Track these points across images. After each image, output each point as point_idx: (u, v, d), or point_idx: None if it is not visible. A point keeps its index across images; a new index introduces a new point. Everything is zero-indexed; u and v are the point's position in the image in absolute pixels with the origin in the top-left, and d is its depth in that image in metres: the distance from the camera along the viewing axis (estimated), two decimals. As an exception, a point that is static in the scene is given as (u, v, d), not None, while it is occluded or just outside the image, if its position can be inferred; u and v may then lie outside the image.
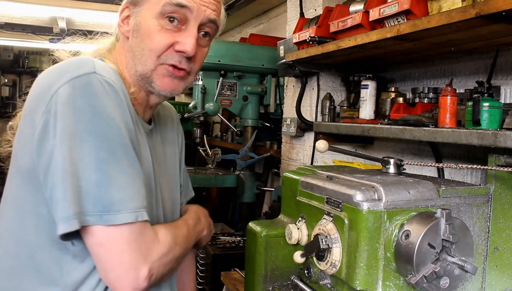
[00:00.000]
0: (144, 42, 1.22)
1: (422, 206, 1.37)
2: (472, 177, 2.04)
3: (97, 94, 1.08)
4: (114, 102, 1.11)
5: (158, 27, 1.21)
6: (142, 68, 1.24)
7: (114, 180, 1.07)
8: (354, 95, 2.65)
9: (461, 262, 1.26)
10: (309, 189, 1.57)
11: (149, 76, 1.24)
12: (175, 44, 1.22)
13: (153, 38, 1.21)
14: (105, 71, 1.13)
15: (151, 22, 1.21)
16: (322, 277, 1.50)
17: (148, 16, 1.22)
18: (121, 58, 1.30)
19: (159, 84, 1.25)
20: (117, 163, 1.08)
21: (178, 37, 1.22)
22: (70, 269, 1.14)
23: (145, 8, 1.23)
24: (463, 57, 2.10)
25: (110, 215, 1.07)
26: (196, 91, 3.63)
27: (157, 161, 1.37)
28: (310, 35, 2.39)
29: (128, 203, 1.09)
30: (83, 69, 1.10)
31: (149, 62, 1.23)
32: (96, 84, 1.09)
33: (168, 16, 1.21)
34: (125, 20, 1.28)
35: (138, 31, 1.24)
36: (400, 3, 1.75)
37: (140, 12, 1.24)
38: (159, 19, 1.21)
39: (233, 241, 3.40)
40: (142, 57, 1.23)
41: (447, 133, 1.60)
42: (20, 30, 6.33)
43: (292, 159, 3.14)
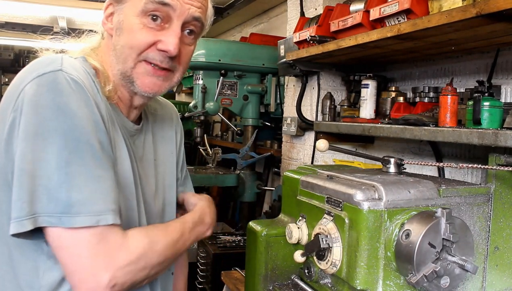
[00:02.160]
0: (125, 39, 1.20)
1: (422, 205, 1.37)
2: (473, 176, 2.04)
3: (62, 92, 1.04)
4: (79, 100, 1.06)
5: (140, 25, 1.19)
6: (122, 66, 1.22)
7: (75, 181, 1.02)
8: (355, 95, 2.65)
9: (462, 261, 1.26)
10: (310, 188, 1.57)
11: (129, 74, 1.22)
12: (157, 43, 1.19)
13: (134, 35, 1.19)
14: (73, 69, 1.10)
15: (133, 20, 1.19)
16: (323, 276, 1.50)
17: (131, 14, 1.19)
18: (106, 56, 1.26)
19: (140, 84, 1.23)
20: (80, 163, 1.03)
21: (160, 35, 1.19)
22: (46, 270, 1.11)
23: (128, 6, 1.21)
24: (464, 57, 2.10)
25: (69, 217, 1.02)
26: (196, 90, 3.63)
27: (143, 161, 1.34)
28: (310, 34, 2.39)
29: (89, 205, 1.03)
30: (49, 67, 1.07)
31: (129, 60, 1.21)
32: (61, 82, 1.05)
33: (151, 14, 1.18)
34: (109, 17, 1.25)
35: (121, 29, 1.21)
36: (401, 3, 1.75)
37: (123, 10, 1.21)
38: (141, 17, 1.19)
39: (233, 240, 3.40)
40: (122, 55, 1.21)
41: (448, 133, 1.60)
42: (20, 29, 6.33)
43: (292, 158, 3.14)
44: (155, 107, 1.49)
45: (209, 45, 3.65)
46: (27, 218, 1.01)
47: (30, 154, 1.02)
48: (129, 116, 1.31)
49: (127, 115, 1.30)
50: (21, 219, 1.01)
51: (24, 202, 1.01)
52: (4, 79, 8.61)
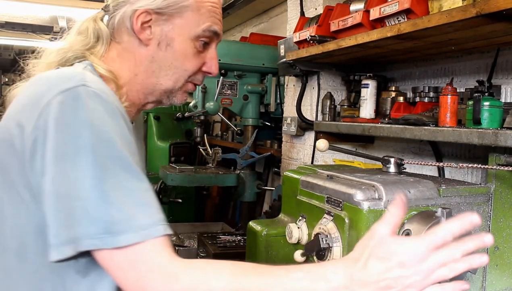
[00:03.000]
0: (178, 60, 1.25)
1: (422, 205, 1.37)
2: (473, 176, 2.04)
3: (86, 108, 1.00)
4: (105, 115, 1.02)
5: (194, 50, 1.25)
6: (170, 84, 1.27)
7: (112, 198, 0.96)
8: (355, 95, 2.65)
9: (462, 261, 1.26)
10: (310, 188, 1.57)
11: (174, 91, 1.29)
12: (202, 65, 1.29)
13: (190, 60, 1.26)
14: (95, 82, 1.07)
15: (188, 44, 1.24)
16: (323, 276, 1.49)
17: (185, 36, 1.23)
18: (123, 63, 1.25)
19: (179, 99, 1.31)
20: (114, 179, 0.98)
21: (204, 58, 1.29)
22: (73, 285, 1.06)
23: (180, 25, 1.23)
24: (464, 56, 2.10)
25: (112, 237, 0.95)
26: (196, 90, 3.63)
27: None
28: (310, 34, 2.39)
29: (132, 221, 0.96)
30: (71, 82, 1.03)
31: (181, 80, 1.27)
32: (85, 97, 1.01)
33: (203, 40, 1.26)
34: (145, 25, 1.22)
35: (170, 47, 1.23)
36: (401, 2, 1.75)
37: (172, 27, 1.22)
38: (195, 41, 1.25)
39: (233, 240, 3.40)
40: (174, 75, 1.26)
41: (448, 133, 1.60)
42: (20, 29, 6.33)
43: (292, 158, 3.14)
44: None
45: (209, 45, 3.65)
46: (68, 244, 0.95)
47: (61, 176, 0.97)
48: (133, 118, 1.34)
49: (132, 118, 1.32)
50: (61, 245, 0.95)
51: (62, 227, 0.96)
52: (4, 79, 8.61)
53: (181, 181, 3.69)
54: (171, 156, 5.01)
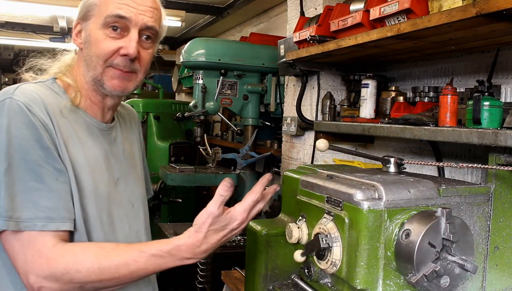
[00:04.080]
0: (92, 50, 1.40)
1: (422, 205, 1.37)
2: (473, 176, 2.04)
3: (6, 117, 1.24)
4: (20, 123, 1.24)
5: (103, 36, 1.38)
6: (93, 73, 1.41)
7: (9, 191, 1.20)
8: (355, 94, 2.65)
9: (462, 261, 1.26)
10: (310, 188, 1.57)
11: (99, 79, 1.41)
12: (119, 49, 1.38)
13: (99, 45, 1.38)
14: (22, 96, 1.28)
15: (98, 33, 1.39)
16: (323, 276, 1.50)
17: (95, 28, 1.39)
18: (78, 68, 1.46)
19: (109, 86, 1.41)
20: (14, 176, 1.21)
21: (121, 42, 1.38)
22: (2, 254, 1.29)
23: (92, 22, 1.40)
24: (464, 56, 2.10)
25: (6, 222, 1.20)
26: (196, 90, 3.63)
27: (116, 156, 1.51)
28: (310, 34, 2.39)
29: (17, 212, 1.21)
30: (4, 95, 1.28)
31: (98, 67, 1.40)
32: (7, 108, 1.25)
33: (112, 26, 1.38)
34: (78, 34, 1.45)
35: (89, 42, 1.41)
36: (401, 2, 1.75)
37: (88, 26, 1.41)
38: (104, 29, 1.38)
39: (233, 240, 3.40)
40: (92, 63, 1.40)
41: (448, 133, 1.60)
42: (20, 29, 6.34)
43: (292, 158, 3.14)
44: (120, 110, 1.66)
45: (209, 45, 3.64)
46: None
47: None
48: (104, 117, 1.50)
49: (102, 116, 1.49)
50: None
51: None
52: (4, 78, 8.62)
53: (181, 181, 3.69)
54: (171, 155, 5.02)
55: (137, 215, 1.56)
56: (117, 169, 1.49)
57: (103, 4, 1.38)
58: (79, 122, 1.41)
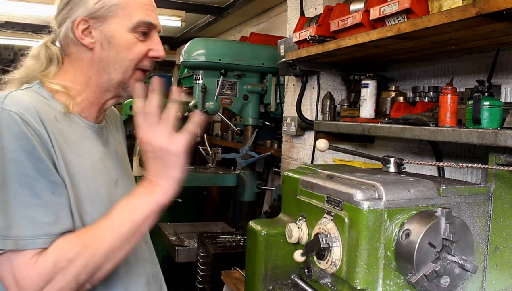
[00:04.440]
0: (122, 53, 1.36)
1: (422, 205, 1.37)
2: (473, 176, 2.04)
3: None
4: (10, 134, 1.16)
5: (134, 40, 1.36)
6: (121, 76, 1.38)
7: (2, 207, 1.14)
8: (355, 94, 2.65)
9: (462, 261, 1.26)
10: (310, 188, 1.57)
11: (126, 82, 1.39)
12: (148, 52, 1.39)
13: (132, 49, 1.36)
14: (14, 104, 1.20)
15: (127, 36, 1.36)
16: (323, 276, 1.50)
17: (122, 30, 1.35)
18: (76, 71, 1.39)
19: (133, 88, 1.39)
20: (8, 192, 1.14)
21: (149, 45, 1.39)
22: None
23: (115, 22, 1.35)
24: (464, 56, 2.10)
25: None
26: (196, 90, 3.63)
27: (113, 157, 1.49)
28: (310, 34, 2.39)
29: (13, 230, 1.14)
30: None
31: (129, 70, 1.38)
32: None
33: (141, 30, 1.37)
34: (86, 32, 1.36)
35: (112, 43, 1.35)
36: (401, 2, 1.75)
37: (109, 26, 1.35)
38: (133, 32, 1.36)
39: (233, 240, 3.40)
40: (121, 67, 1.37)
41: (448, 132, 1.60)
42: (20, 29, 6.33)
43: (292, 158, 3.14)
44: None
45: (209, 44, 3.64)
46: None
47: None
48: (98, 118, 1.46)
49: (96, 118, 1.45)
50: None
51: None
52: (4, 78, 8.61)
53: (181, 181, 3.68)
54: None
55: None
56: (114, 170, 1.46)
57: (126, 6, 1.35)
58: (73, 127, 1.35)
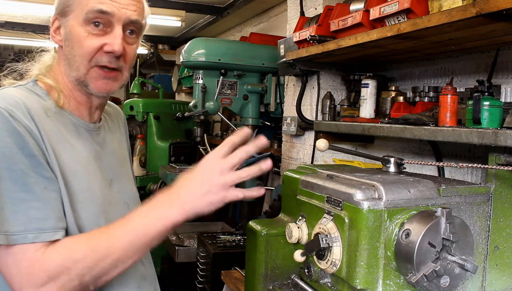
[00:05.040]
0: (75, 49, 1.33)
1: (422, 205, 1.37)
2: (473, 176, 2.04)
3: None
4: (5, 131, 1.16)
5: (85, 34, 1.31)
6: (76, 74, 1.34)
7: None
8: (355, 94, 2.65)
9: (462, 261, 1.26)
10: (310, 187, 1.57)
11: (83, 80, 1.35)
12: (103, 46, 1.32)
13: (82, 44, 1.31)
14: (4, 101, 1.20)
15: (79, 30, 1.31)
16: (323, 276, 1.50)
17: (75, 24, 1.32)
18: (60, 67, 1.39)
19: (94, 87, 1.36)
20: (3, 188, 1.14)
21: (105, 39, 1.32)
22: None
23: (72, 17, 1.33)
24: (464, 56, 2.10)
25: None
26: (196, 90, 3.62)
27: (110, 157, 1.47)
28: (310, 34, 2.39)
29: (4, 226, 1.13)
30: None
31: (81, 68, 1.33)
32: None
33: (93, 21, 1.31)
34: (56, 30, 1.37)
35: (69, 40, 1.34)
36: (401, 2, 1.75)
37: (68, 22, 1.33)
38: (85, 26, 1.31)
39: (233, 240, 3.40)
40: (75, 63, 1.34)
41: (448, 132, 1.60)
42: (20, 29, 6.34)
43: (292, 158, 3.14)
44: (107, 109, 1.62)
45: (209, 44, 3.64)
46: None
47: None
48: (92, 117, 1.45)
49: (89, 117, 1.43)
50: None
51: None
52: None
53: (181, 181, 3.68)
54: (171, 155, 5.01)
55: None
56: (109, 170, 1.44)
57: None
58: (66, 124, 1.34)
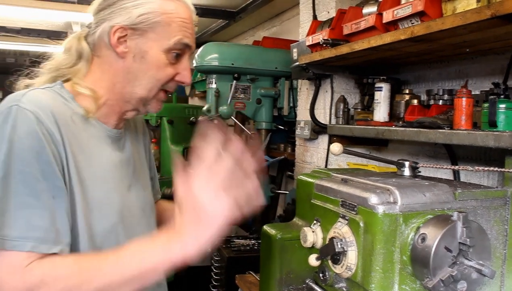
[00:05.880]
0: (151, 71, 1.35)
1: (438, 208, 1.36)
2: (489, 179, 2.02)
3: (9, 125, 1.16)
4: (23, 132, 1.16)
5: (166, 61, 1.35)
6: (144, 93, 1.37)
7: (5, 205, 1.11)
8: (368, 98, 2.64)
9: (479, 266, 1.25)
10: (324, 191, 1.56)
11: (149, 99, 1.39)
12: (176, 75, 1.38)
13: (162, 70, 1.35)
14: (30, 103, 1.20)
15: (161, 56, 1.34)
16: (338, 280, 1.49)
17: (157, 48, 1.33)
18: (103, 74, 1.38)
19: (153, 107, 1.41)
20: (8, 189, 1.12)
21: (177, 68, 1.38)
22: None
23: (153, 39, 1.33)
24: (478, 58, 2.08)
25: None
26: (210, 94, 3.64)
27: (128, 163, 1.48)
28: (323, 37, 2.39)
29: (3, 228, 1.10)
30: (9, 103, 1.20)
31: (154, 90, 1.37)
32: (11, 116, 1.17)
33: (175, 52, 1.36)
34: (121, 40, 1.34)
35: (145, 59, 1.34)
36: (414, 5, 1.75)
37: (147, 42, 1.33)
38: (167, 54, 1.34)
39: (247, 244, 3.40)
40: (148, 84, 1.36)
41: (463, 135, 1.58)
42: (35, 35, 6.42)
43: (306, 162, 3.14)
44: None
45: (222, 49, 3.66)
46: None
47: None
48: (116, 125, 1.45)
49: (115, 125, 1.44)
50: None
51: None
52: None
53: (195, 185, 3.69)
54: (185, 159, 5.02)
55: (149, 221, 1.54)
56: (128, 176, 1.45)
57: (167, 26, 1.33)
58: (88, 130, 1.35)
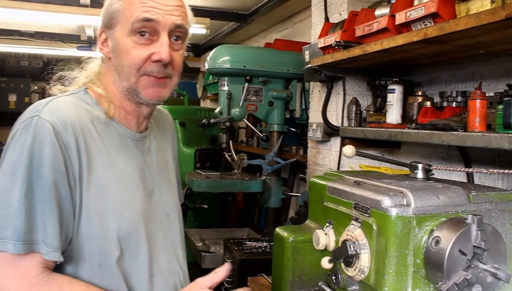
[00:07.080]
0: (123, 60, 1.35)
1: (452, 211, 1.34)
2: (504, 182, 2.00)
3: (32, 136, 1.22)
4: (43, 143, 1.22)
5: (132, 44, 1.33)
6: (127, 83, 1.37)
7: (27, 213, 1.17)
8: (381, 100, 2.63)
9: (494, 269, 1.23)
10: (337, 194, 1.56)
11: (134, 88, 1.37)
12: (151, 56, 1.33)
13: (130, 54, 1.34)
14: (51, 113, 1.26)
15: (126, 41, 1.34)
16: (350, 283, 1.48)
17: (122, 36, 1.34)
18: (108, 77, 1.42)
19: (145, 94, 1.37)
20: (33, 198, 1.19)
21: (152, 48, 1.33)
22: None
23: (118, 29, 1.35)
24: (492, 60, 2.07)
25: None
26: (221, 96, 3.65)
27: (152, 167, 1.48)
28: (335, 39, 2.38)
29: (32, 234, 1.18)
30: (31, 113, 1.26)
31: (131, 77, 1.35)
32: (32, 127, 1.23)
33: (139, 31, 1.33)
34: (104, 43, 1.40)
35: (117, 51, 1.36)
36: (427, 6, 1.74)
37: (114, 34, 1.36)
38: (131, 36, 1.33)
39: (259, 246, 3.40)
40: (124, 74, 1.36)
41: (477, 138, 1.57)
42: (49, 38, 6.49)
43: (318, 164, 3.13)
44: (155, 114, 1.60)
45: (233, 51, 3.66)
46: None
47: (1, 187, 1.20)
48: (139, 126, 1.46)
49: (137, 126, 1.45)
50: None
51: None
52: (33, 87, 8.81)
53: (207, 187, 3.71)
54: (196, 162, 5.05)
55: (173, 225, 1.54)
56: (151, 179, 1.46)
57: (127, 10, 1.32)
58: (111, 135, 1.38)
